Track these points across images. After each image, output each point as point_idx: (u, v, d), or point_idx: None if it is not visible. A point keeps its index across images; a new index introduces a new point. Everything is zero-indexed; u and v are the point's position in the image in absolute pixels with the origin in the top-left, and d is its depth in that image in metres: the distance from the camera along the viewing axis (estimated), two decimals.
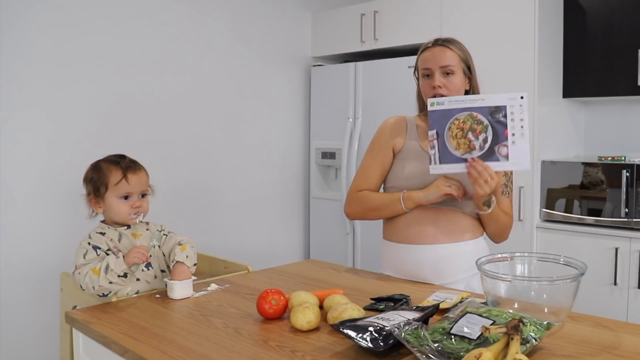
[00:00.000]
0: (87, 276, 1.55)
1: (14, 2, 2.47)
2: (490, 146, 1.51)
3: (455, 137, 1.53)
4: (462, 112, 1.53)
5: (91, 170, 1.70)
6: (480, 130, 1.51)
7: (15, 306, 2.52)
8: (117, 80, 2.83)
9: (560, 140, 3.07)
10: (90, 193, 1.68)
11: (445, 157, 1.55)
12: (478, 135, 1.52)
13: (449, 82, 1.65)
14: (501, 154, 1.51)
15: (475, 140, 1.52)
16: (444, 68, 1.65)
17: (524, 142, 1.50)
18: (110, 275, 1.54)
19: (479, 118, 1.51)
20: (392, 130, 1.77)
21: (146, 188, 1.73)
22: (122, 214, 1.66)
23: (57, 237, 2.61)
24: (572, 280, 1.23)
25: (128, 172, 1.67)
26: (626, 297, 2.60)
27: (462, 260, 1.65)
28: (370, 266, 2.50)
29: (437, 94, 1.65)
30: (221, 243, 3.24)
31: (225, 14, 3.31)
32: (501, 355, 1.00)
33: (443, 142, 1.54)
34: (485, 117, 1.51)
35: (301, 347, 1.17)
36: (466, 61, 1.69)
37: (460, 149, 1.53)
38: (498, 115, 1.50)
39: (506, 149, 1.50)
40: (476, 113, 1.52)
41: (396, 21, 3.35)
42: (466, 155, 1.53)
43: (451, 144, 1.54)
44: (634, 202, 2.59)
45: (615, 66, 2.85)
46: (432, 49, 1.68)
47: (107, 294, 1.58)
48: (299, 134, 3.78)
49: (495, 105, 1.50)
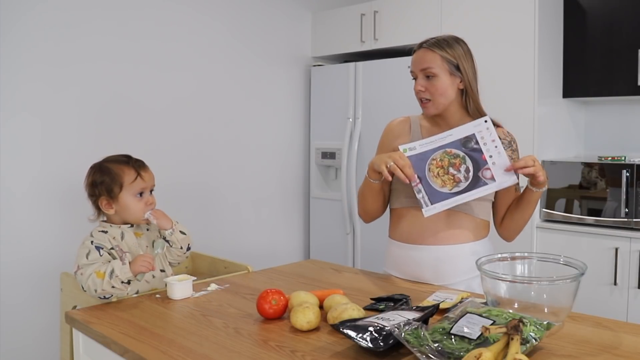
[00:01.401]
0: (90, 278, 1.55)
1: (13, 2, 2.47)
2: (474, 174, 1.55)
3: (438, 175, 1.57)
4: (437, 152, 1.57)
5: (99, 173, 1.70)
6: (460, 163, 1.56)
7: (15, 306, 2.52)
8: (117, 80, 2.83)
9: (560, 140, 3.07)
10: (101, 195, 1.68)
11: (434, 197, 1.57)
12: (459, 168, 1.56)
13: (431, 85, 1.66)
14: (486, 178, 1.55)
15: (458, 173, 1.56)
16: (424, 71, 1.66)
17: (503, 160, 1.55)
18: (114, 281, 1.55)
19: (454, 152, 1.57)
20: (395, 132, 1.78)
21: (155, 183, 1.75)
22: (138, 212, 1.68)
23: (56, 237, 2.61)
24: (572, 280, 1.23)
25: (140, 170, 1.71)
26: (626, 297, 2.60)
27: (464, 262, 1.65)
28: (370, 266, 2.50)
29: (420, 97, 1.69)
30: (221, 243, 3.24)
31: (225, 14, 3.31)
32: (501, 355, 1.00)
33: (428, 184, 1.57)
34: (459, 149, 1.57)
35: (301, 347, 1.18)
36: (452, 61, 1.65)
37: (447, 185, 1.57)
38: (470, 144, 1.56)
39: (489, 172, 1.55)
40: (450, 149, 1.57)
41: (396, 21, 3.35)
42: (454, 189, 1.56)
43: (436, 182, 1.57)
44: (634, 202, 2.59)
45: (615, 66, 2.85)
46: (417, 52, 1.71)
47: (109, 297, 1.58)
48: (299, 134, 3.78)
49: (464, 136, 1.56)
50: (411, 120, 1.79)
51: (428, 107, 1.69)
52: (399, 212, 1.74)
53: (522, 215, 1.71)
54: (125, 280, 1.56)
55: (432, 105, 1.68)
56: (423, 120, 1.78)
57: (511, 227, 1.75)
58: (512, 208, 1.73)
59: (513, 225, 1.74)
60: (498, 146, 1.55)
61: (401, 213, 1.73)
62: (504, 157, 1.55)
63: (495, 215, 1.78)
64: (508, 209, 1.74)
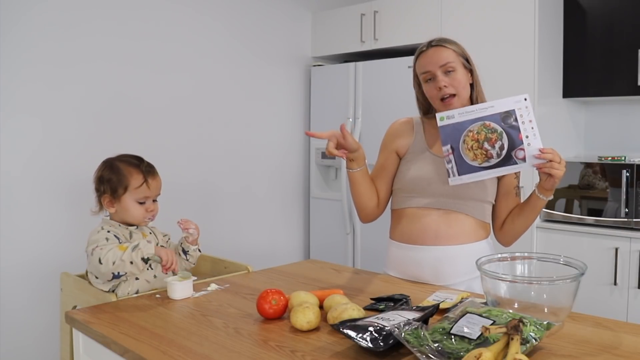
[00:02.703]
0: (111, 251, 1.56)
1: (13, 2, 2.47)
2: (507, 152, 1.50)
3: (472, 148, 1.52)
4: (475, 123, 1.51)
5: (108, 170, 1.70)
6: (496, 139, 1.50)
7: (15, 306, 2.52)
8: (118, 80, 2.83)
9: (560, 140, 3.07)
10: (105, 192, 1.68)
11: (462, 169, 1.53)
12: (494, 144, 1.51)
13: (453, 80, 1.63)
14: (518, 157, 1.50)
15: (492, 149, 1.51)
16: (444, 67, 1.63)
17: (537, 142, 1.50)
18: (135, 254, 1.55)
19: (492, 126, 1.50)
20: (398, 133, 1.77)
21: (160, 192, 1.74)
22: (137, 217, 1.69)
23: (57, 237, 2.61)
24: (572, 280, 1.23)
25: (148, 177, 1.70)
26: (626, 297, 2.60)
27: (464, 262, 1.65)
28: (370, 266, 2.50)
29: (444, 94, 1.63)
30: (221, 243, 3.24)
31: (225, 14, 3.31)
32: (501, 355, 1.00)
33: (459, 155, 1.53)
34: (499, 124, 1.50)
35: (301, 347, 1.17)
36: (463, 55, 1.66)
37: (478, 159, 1.52)
38: (510, 120, 1.49)
39: (523, 152, 1.49)
40: (489, 122, 1.50)
41: (396, 21, 3.35)
42: (484, 164, 1.52)
43: (467, 155, 1.53)
44: (634, 202, 2.59)
45: (615, 66, 2.85)
46: (427, 52, 1.66)
47: (119, 276, 1.57)
48: (299, 134, 3.78)
49: (505, 110, 1.50)
50: (414, 121, 1.79)
51: (453, 102, 1.64)
52: (399, 213, 1.74)
53: (525, 222, 1.70)
54: (146, 257, 1.56)
55: (458, 99, 1.64)
56: (426, 122, 1.77)
57: (511, 233, 1.74)
58: (514, 214, 1.72)
59: (514, 230, 1.73)
60: (534, 127, 1.50)
61: (402, 214, 1.73)
62: (538, 140, 1.49)
63: (496, 219, 1.76)
64: (510, 214, 1.73)
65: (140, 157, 1.76)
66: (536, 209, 1.66)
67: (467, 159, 1.53)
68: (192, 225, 1.74)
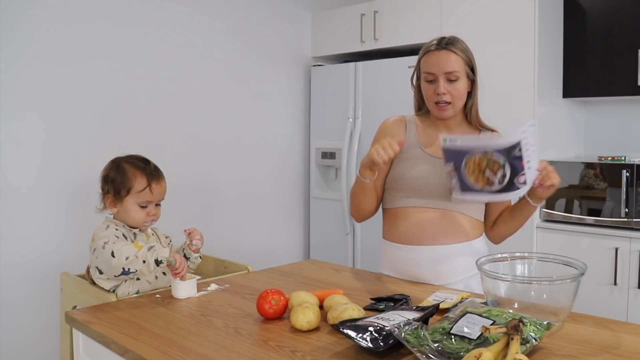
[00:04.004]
0: (127, 246, 1.55)
1: (13, 2, 2.47)
2: (510, 180, 1.47)
3: (473, 173, 1.50)
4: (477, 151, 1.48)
5: (114, 170, 1.70)
6: (498, 168, 1.47)
7: (15, 306, 2.52)
8: (118, 79, 2.83)
9: (560, 140, 3.07)
10: (109, 192, 1.68)
11: (465, 188, 1.53)
12: (496, 172, 1.48)
13: (453, 89, 1.62)
14: (519, 182, 1.47)
15: (493, 176, 1.48)
16: (449, 74, 1.61)
17: (535, 162, 1.47)
18: (150, 254, 1.54)
19: (494, 158, 1.46)
20: (390, 131, 1.75)
21: (164, 197, 1.74)
22: (137, 220, 1.68)
23: (57, 237, 2.61)
24: (572, 280, 1.23)
25: (152, 181, 1.69)
26: (626, 297, 2.60)
27: (461, 261, 1.65)
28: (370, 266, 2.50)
29: (440, 100, 1.63)
30: (221, 243, 3.24)
31: (225, 14, 3.31)
32: (501, 355, 1.00)
33: (461, 176, 1.52)
34: (503, 155, 1.45)
35: (301, 347, 1.17)
36: (470, 63, 1.65)
37: (479, 182, 1.51)
38: (514, 152, 1.44)
39: (524, 177, 1.46)
40: (491, 153, 1.46)
41: (396, 21, 3.35)
42: (486, 188, 1.50)
43: (469, 179, 1.51)
44: (634, 202, 2.59)
45: (615, 66, 2.85)
46: (437, 53, 1.63)
47: (129, 272, 1.56)
48: (299, 133, 3.78)
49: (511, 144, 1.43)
50: (407, 119, 1.78)
51: (447, 110, 1.64)
52: (394, 213, 1.73)
53: (515, 225, 1.71)
54: (159, 259, 1.55)
55: (452, 108, 1.65)
56: (418, 121, 1.77)
57: (502, 233, 1.75)
58: (505, 216, 1.72)
59: (505, 231, 1.74)
60: (536, 149, 1.46)
61: (397, 213, 1.72)
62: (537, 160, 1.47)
63: (487, 219, 1.76)
64: (500, 215, 1.74)
65: (147, 159, 1.75)
66: (527, 214, 1.67)
67: (468, 182, 1.52)
68: (198, 235, 1.72)
